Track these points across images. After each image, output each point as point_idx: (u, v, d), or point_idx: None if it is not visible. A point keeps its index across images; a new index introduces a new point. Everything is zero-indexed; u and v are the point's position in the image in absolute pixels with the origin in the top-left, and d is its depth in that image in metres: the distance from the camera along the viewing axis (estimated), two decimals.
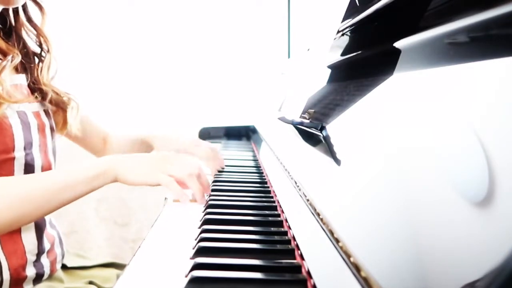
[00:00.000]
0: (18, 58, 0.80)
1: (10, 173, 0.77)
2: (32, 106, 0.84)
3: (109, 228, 2.01)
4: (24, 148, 0.79)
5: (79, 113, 0.94)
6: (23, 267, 0.80)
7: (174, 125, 2.01)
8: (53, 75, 0.91)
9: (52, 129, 0.89)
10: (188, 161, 0.77)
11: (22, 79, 0.84)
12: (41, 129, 0.84)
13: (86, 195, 0.73)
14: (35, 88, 0.87)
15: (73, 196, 0.71)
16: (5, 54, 0.79)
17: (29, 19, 0.89)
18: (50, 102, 0.88)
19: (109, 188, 0.75)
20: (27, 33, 0.89)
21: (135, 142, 1.09)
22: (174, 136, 1.05)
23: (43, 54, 0.89)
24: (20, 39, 0.87)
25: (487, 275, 0.22)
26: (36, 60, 0.89)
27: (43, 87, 0.87)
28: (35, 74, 0.87)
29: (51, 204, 0.70)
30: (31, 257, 0.81)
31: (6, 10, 0.85)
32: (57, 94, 0.90)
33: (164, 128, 2.00)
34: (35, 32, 0.89)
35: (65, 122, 0.92)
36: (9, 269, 0.78)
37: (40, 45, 0.90)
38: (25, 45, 0.88)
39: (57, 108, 0.91)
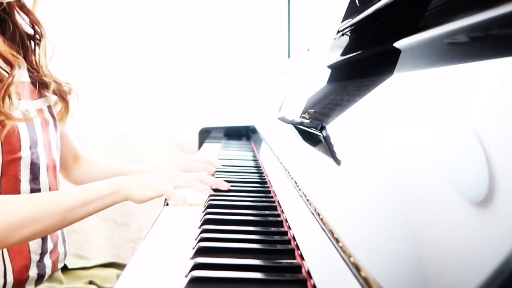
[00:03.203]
0: (24, 67, 0.80)
1: (17, 172, 0.77)
2: (35, 104, 0.84)
3: (109, 228, 2.01)
4: (30, 147, 0.79)
5: (78, 103, 0.94)
6: (27, 268, 0.80)
7: (174, 125, 2.01)
8: (50, 56, 0.91)
9: (55, 126, 0.89)
10: (187, 174, 0.81)
11: (25, 76, 0.84)
12: (45, 126, 0.85)
13: None
14: (38, 81, 0.87)
15: (86, 213, 0.73)
16: (11, 64, 0.77)
17: (21, 6, 0.88)
18: (53, 92, 0.89)
19: None
20: (19, 14, 0.88)
21: (112, 172, 1.02)
22: (159, 166, 0.99)
23: (37, 36, 0.89)
24: (15, 28, 0.87)
25: (487, 275, 0.22)
26: (32, 45, 0.89)
27: (45, 79, 0.87)
28: (33, 62, 0.87)
29: (66, 220, 0.72)
30: (35, 257, 0.82)
31: None
32: (58, 84, 0.90)
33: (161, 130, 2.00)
34: (27, 19, 0.89)
35: (66, 112, 0.92)
36: (13, 272, 0.78)
37: (34, 29, 0.89)
38: (20, 33, 0.87)
39: (58, 99, 0.91)
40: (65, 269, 0.93)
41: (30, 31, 0.89)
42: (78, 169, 1.05)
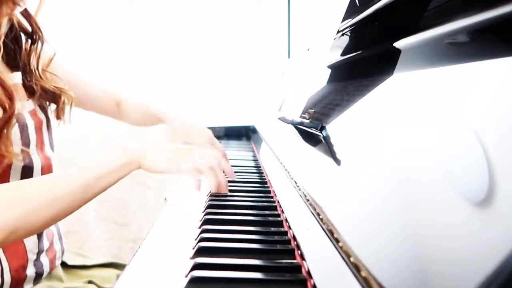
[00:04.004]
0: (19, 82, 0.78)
1: (6, 178, 0.77)
2: (28, 105, 0.83)
3: (109, 228, 2.01)
4: (22, 152, 0.78)
5: (71, 109, 0.93)
6: (24, 267, 0.80)
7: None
8: (50, 57, 0.90)
9: (48, 125, 0.88)
10: (208, 154, 0.79)
11: (17, 78, 0.83)
12: (38, 127, 0.83)
13: None
14: (29, 85, 0.85)
15: (104, 186, 0.72)
16: (11, 98, 0.75)
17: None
18: (41, 96, 0.87)
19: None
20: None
21: (148, 114, 1.14)
22: (189, 126, 1.08)
23: (34, 37, 0.87)
24: (13, 29, 0.85)
25: (487, 275, 0.22)
26: (28, 47, 0.86)
27: (34, 86, 0.84)
28: (26, 65, 0.85)
29: (87, 195, 0.70)
30: (31, 256, 0.81)
31: None
32: (45, 90, 0.87)
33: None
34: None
35: (58, 116, 0.91)
36: (10, 271, 0.78)
37: (32, 31, 0.87)
38: (18, 33, 0.86)
39: (49, 102, 0.90)
40: (65, 266, 0.92)
41: (28, 28, 0.88)
42: (125, 113, 1.15)
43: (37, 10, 0.87)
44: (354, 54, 0.64)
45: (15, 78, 0.82)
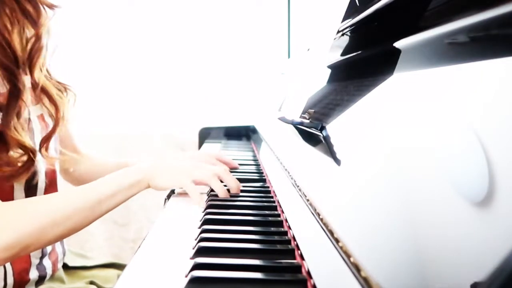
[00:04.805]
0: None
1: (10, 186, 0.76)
2: (36, 109, 0.83)
3: (109, 228, 2.01)
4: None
5: (73, 106, 0.91)
6: (27, 271, 0.80)
7: (174, 125, 2.01)
8: (52, 51, 0.89)
9: (54, 128, 0.87)
10: (211, 169, 0.78)
11: (27, 81, 0.83)
12: (44, 131, 0.83)
13: None
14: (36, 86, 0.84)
15: (112, 205, 0.72)
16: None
17: None
18: (45, 94, 0.86)
19: None
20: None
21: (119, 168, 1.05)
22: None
23: None
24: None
25: (487, 275, 0.22)
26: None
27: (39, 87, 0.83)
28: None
29: (96, 214, 0.71)
30: (34, 260, 0.81)
31: None
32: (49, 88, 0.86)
33: (164, 129, 2.00)
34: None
35: (62, 116, 0.90)
36: (13, 274, 0.78)
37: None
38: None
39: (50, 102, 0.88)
40: (66, 267, 0.92)
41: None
42: (78, 166, 1.03)
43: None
44: (354, 54, 0.64)
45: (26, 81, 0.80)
